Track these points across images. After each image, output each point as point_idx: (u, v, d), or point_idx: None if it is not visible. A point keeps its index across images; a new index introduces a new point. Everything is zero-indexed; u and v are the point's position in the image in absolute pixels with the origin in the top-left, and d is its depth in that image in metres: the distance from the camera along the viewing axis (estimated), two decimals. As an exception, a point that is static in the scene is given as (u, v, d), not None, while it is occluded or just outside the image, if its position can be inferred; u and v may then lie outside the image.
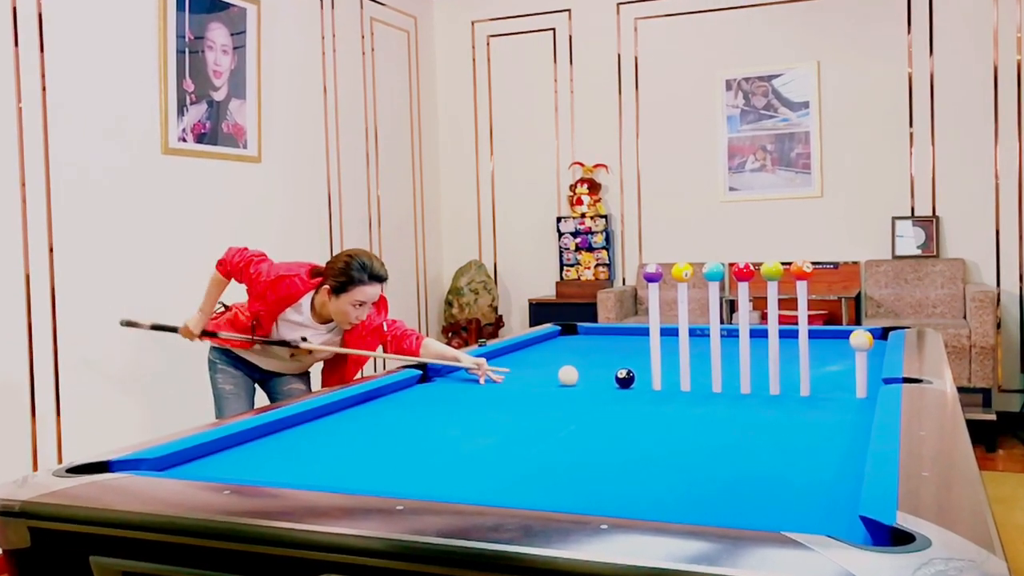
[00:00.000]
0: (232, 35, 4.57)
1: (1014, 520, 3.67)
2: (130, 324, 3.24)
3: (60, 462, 3.58)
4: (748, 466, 1.72)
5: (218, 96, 4.49)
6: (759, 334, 2.58)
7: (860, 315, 5.50)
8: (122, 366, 3.94)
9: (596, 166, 6.21)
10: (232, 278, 3.03)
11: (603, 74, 6.25)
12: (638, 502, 1.50)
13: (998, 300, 5.28)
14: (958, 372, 4.77)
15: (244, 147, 4.67)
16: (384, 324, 2.99)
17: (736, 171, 5.93)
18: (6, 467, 3.29)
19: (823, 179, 5.74)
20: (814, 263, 5.54)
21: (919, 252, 5.49)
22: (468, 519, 1.28)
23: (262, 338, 2.99)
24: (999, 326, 5.26)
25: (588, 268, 6.22)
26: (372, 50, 5.85)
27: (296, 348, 2.98)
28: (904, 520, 1.19)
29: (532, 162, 6.46)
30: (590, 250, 6.21)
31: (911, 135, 5.55)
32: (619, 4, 6.19)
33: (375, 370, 4.63)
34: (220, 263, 3.03)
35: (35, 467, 3.56)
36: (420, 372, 2.81)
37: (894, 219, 5.56)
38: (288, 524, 1.28)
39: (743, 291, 2.47)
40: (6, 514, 1.45)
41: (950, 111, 5.46)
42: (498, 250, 6.61)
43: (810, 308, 3.85)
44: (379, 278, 2.86)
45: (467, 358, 2.84)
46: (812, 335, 2.58)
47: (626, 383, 2.56)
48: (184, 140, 4.29)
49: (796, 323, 2.43)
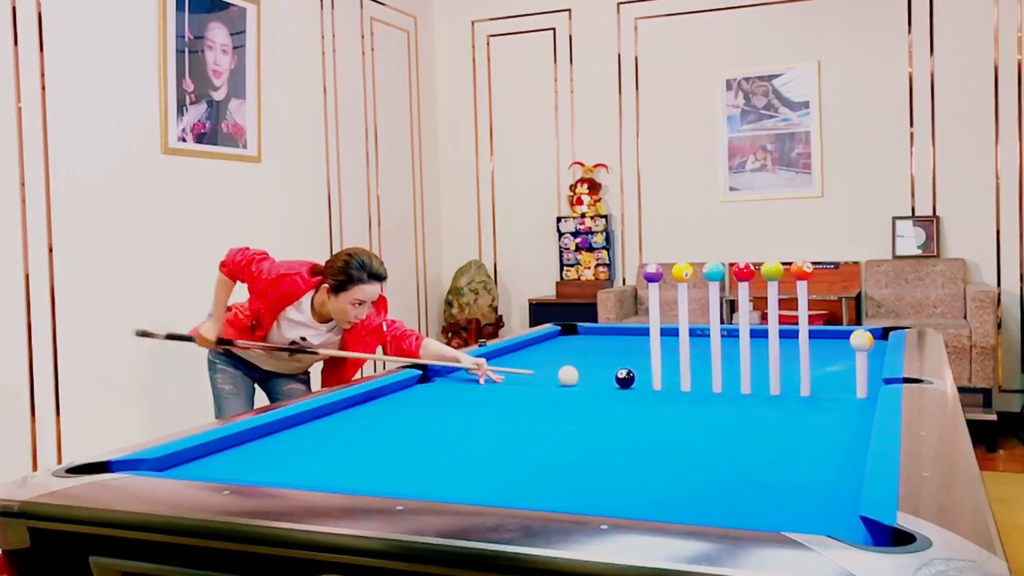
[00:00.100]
0: (232, 35, 4.57)
1: (1015, 520, 3.67)
2: (145, 335, 3.14)
3: (60, 462, 3.58)
4: (748, 466, 1.72)
5: (218, 96, 4.49)
6: (759, 334, 2.58)
7: (860, 315, 5.50)
8: (122, 366, 3.93)
9: (596, 166, 6.21)
10: (235, 278, 3.03)
11: (603, 74, 6.25)
12: (638, 502, 1.49)
13: (999, 300, 5.27)
14: (958, 372, 4.77)
15: (244, 147, 4.67)
16: (384, 324, 2.98)
17: (736, 171, 5.93)
18: (6, 467, 3.28)
19: (823, 179, 5.74)
20: (814, 263, 5.54)
21: (919, 252, 5.49)
22: (468, 519, 1.28)
23: (282, 346, 2.97)
24: (1000, 326, 5.26)
25: (588, 268, 6.22)
26: (372, 50, 5.85)
27: (314, 354, 2.97)
28: (904, 520, 1.19)
29: (532, 162, 6.46)
30: (590, 250, 6.21)
31: (912, 135, 5.55)
32: (619, 4, 6.19)
33: (375, 370, 4.63)
34: (222, 265, 3.03)
35: (35, 467, 3.55)
36: (420, 372, 2.81)
37: (894, 219, 5.56)
38: (288, 524, 1.28)
39: (743, 291, 2.47)
40: (6, 514, 1.45)
41: (951, 111, 5.45)
42: (498, 250, 6.61)
43: (810, 308, 3.85)
44: (378, 277, 2.86)
45: (467, 358, 2.84)
46: (812, 335, 2.57)
47: (626, 383, 2.56)
48: (184, 140, 4.29)
49: (796, 323, 2.43)
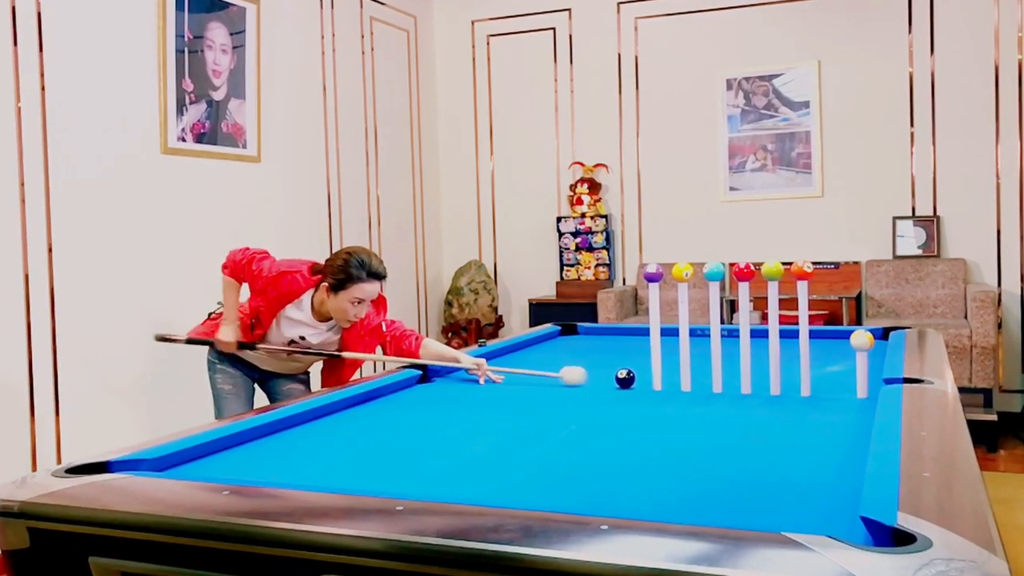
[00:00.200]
0: (231, 34, 4.57)
1: (1015, 520, 3.67)
2: (164, 339, 3.14)
3: (59, 462, 3.58)
4: (748, 466, 1.72)
5: (217, 96, 4.49)
6: (760, 334, 2.57)
7: (861, 315, 5.50)
8: (121, 366, 3.93)
9: (596, 166, 6.21)
10: (238, 278, 3.02)
11: (603, 74, 6.25)
12: (638, 502, 1.49)
13: (999, 300, 5.27)
14: (959, 372, 4.77)
15: (244, 147, 4.67)
16: (383, 324, 2.98)
17: (737, 171, 5.92)
18: (5, 467, 3.28)
19: (824, 179, 5.73)
20: (815, 263, 5.53)
21: (920, 252, 5.49)
22: (468, 520, 1.28)
23: (300, 349, 2.97)
24: (1000, 326, 5.26)
25: (588, 268, 6.22)
26: (372, 50, 5.85)
27: (318, 354, 2.97)
28: (905, 521, 1.18)
29: (532, 162, 6.46)
30: (590, 250, 6.20)
31: (912, 135, 5.55)
32: (619, 3, 6.18)
33: (374, 370, 4.62)
34: (224, 267, 3.02)
35: (34, 467, 3.55)
36: (420, 372, 2.81)
37: (895, 219, 5.56)
38: (287, 525, 1.28)
39: (743, 291, 2.47)
40: (5, 514, 1.45)
41: (951, 110, 5.45)
42: (498, 250, 6.60)
43: (811, 308, 3.85)
44: (378, 275, 2.85)
45: (467, 358, 2.84)
46: (813, 335, 2.57)
47: (626, 383, 2.56)
48: (183, 140, 4.28)
49: (797, 323, 2.43)
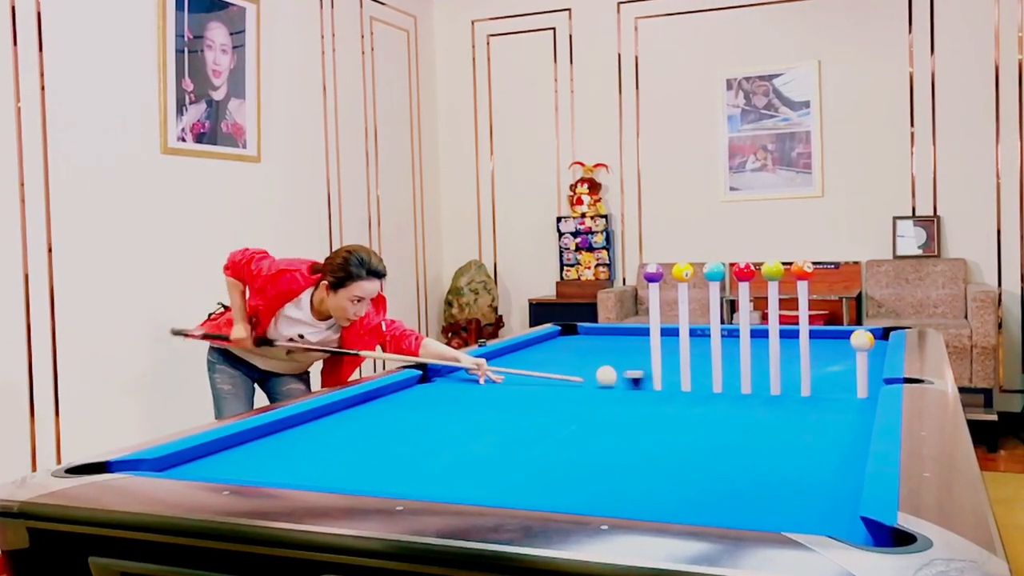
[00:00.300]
0: (231, 34, 4.57)
1: (1015, 521, 3.67)
2: (181, 334, 3.16)
3: (59, 462, 3.58)
4: (749, 466, 1.72)
5: (217, 96, 4.49)
6: (760, 334, 2.57)
7: (861, 315, 5.50)
8: (121, 366, 3.93)
9: (596, 166, 6.20)
10: (239, 278, 3.01)
11: (603, 74, 6.25)
12: (638, 502, 1.49)
13: (999, 300, 5.27)
14: (959, 372, 4.77)
15: (243, 147, 4.67)
16: (383, 324, 2.98)
17: (737, 171, 5.92)
18: (5, 467, 3.28)
19: (824, 179, 5.73)
20: (815, 263, 5.53)
21: (920, 252, 5.49)
22: (468, 520, 1.27)
23: (318, 346, 2.97)
24: (1000, 326, 5.26)
25: (588, 268, 6.22)
26: (372, 50, 5.85)
27: (357, 355, 2.97)
28: (905, 521, 1.18)
29: (532, 162, 6.46)
30: (590, 250, 6.20)
31: (912, 134, 5.55)
32: (619, 3, 6.18)
33: (374, 370, 4.63)
34: (225, 268, 3.02)
35: (34, 467, 3.55)
36: (420, 372, 2.80)
37: (895, 219, 5.56)
38: (287, 525, 1.28)
39: (744, 291, 2.47)
40: (5, 515, 1.45)
41: (951, 110, 5.45)
42: (498, 250, 6.60)
43: (811, 308, 3.85)
44: (377, 274, 2.85)
45: (467, 358, 2.84)
46: (813, 335, 2.57)
47: (637, 383, 2.55)
48: (183, 140, 4.28)
49: (797, 323, 2.43)
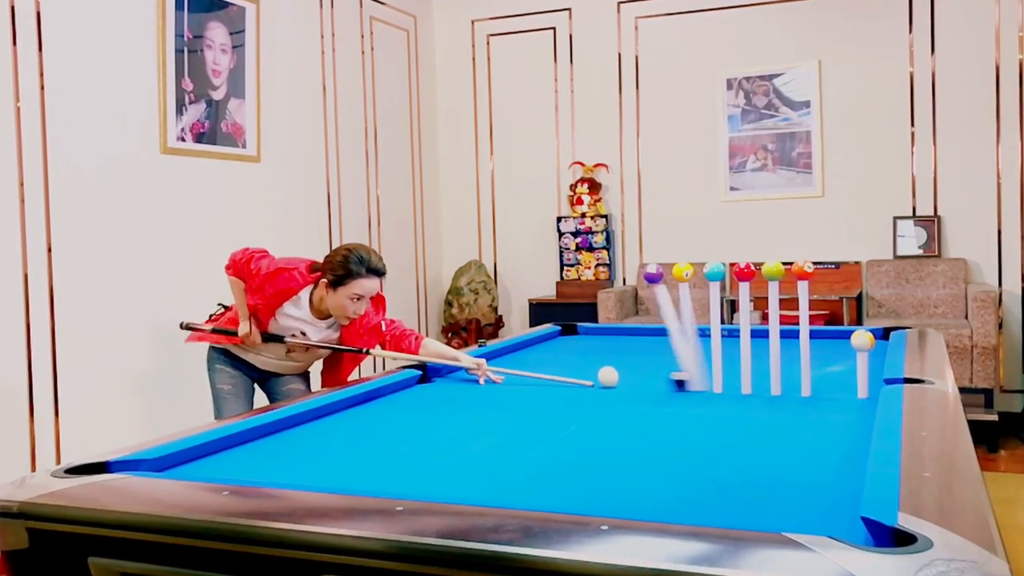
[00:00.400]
0: (231, 34, 4.57)
1: (1016, 521, 3.67)
2: (190, 328, 3.16)
3: (58, 463, 3.58)
4: (749, 467, 1.72)
5: (217, 95, 4.49)
6: (760, 334, 2.57)
7: (861, 315, 5.50)
8: (121, 366, 3.93)
9: (596, 166, 6.20)
10: (241, 277, 3.01)
11: (603, 73, 6.25)
12: (638, 503, 1.49)
13: (1000, 300, 5.27)
14: (959, 372, 4.76)
15: (243, 147, 4.67)
16: (383, 323, 2.97)
17: (737, 171, 5.92)
18: (4, 468, 3.28)
19: (824, 179, 5.73)
20: (815, 263, 5.53)
21: (920, 252, 5.48)
22: (468, 520, 1.27)
23: (331, 345, 2.98)
24: (1001, 326, 5.26)
25: (588, 268, 6.21)
26: (372, 49, 5.84)
27: (368, 353, 2.97)
28: (905, 521, 1.18)
29: (532, 162, 6.46)
30: (590, 250, 6.20)
31: (912, 134, 5.54)
32: (619, 3, 6.18)
33: (374, 370, 4.63)
34: (227, 267, 3.01)
35: (33, 468, 3.55)
36: (420, 372, 2.80)
37: (895, 219, 5.55)
38: (287, 525, 1.28)
39: (744, 291, 2.47)
40: (4, 515, 1.45)
41: (952, 110, 5.45)
42: (498, 250, 6.60)
43: (811, 308, 3.83)
44: (377, 272, 2.85)
45: (467, 358, 2.84)
46: (813, 335, 2.57)
47: (681, 385, 2.52)
48: (183, 139, 4.28)
49: (797, 323, 2.43)
